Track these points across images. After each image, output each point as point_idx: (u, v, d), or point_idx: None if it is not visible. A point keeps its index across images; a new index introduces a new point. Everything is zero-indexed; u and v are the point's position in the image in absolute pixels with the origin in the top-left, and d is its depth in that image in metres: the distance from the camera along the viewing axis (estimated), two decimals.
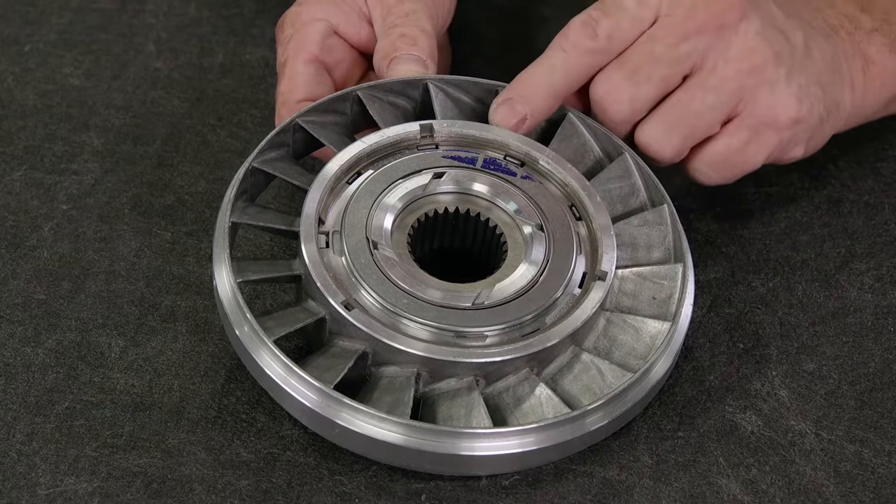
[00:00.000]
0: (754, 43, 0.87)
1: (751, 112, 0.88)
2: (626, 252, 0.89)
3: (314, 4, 0.97)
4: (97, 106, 1.07)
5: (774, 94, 0.88)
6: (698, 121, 0.88)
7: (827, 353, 0.92)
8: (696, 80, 0.87)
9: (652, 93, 0.88)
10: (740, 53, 0.87)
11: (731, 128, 0.89)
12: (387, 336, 0.81)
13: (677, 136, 0.88)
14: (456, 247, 0.92)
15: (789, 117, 0.89)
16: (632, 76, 0.87)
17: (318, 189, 0.87)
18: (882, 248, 0.98)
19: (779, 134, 0.89)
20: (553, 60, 0.88)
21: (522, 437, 0.80)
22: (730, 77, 0.87)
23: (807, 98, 0.89)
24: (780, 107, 0.88)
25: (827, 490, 0.85)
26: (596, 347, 0.86)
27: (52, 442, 0.84)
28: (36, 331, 0.90)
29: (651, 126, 0.89)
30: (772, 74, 0.88)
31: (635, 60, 0.87)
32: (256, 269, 0.85)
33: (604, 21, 0.87)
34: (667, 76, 0.87)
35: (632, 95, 0.88)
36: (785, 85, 0.88)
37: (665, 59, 0.87)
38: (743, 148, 0.90)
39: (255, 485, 0.83)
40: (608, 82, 0.88)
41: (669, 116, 0.88)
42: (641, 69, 0.87)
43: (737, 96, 0.88)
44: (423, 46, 0.94)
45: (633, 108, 0.88)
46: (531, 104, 0.89)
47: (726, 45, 0.87)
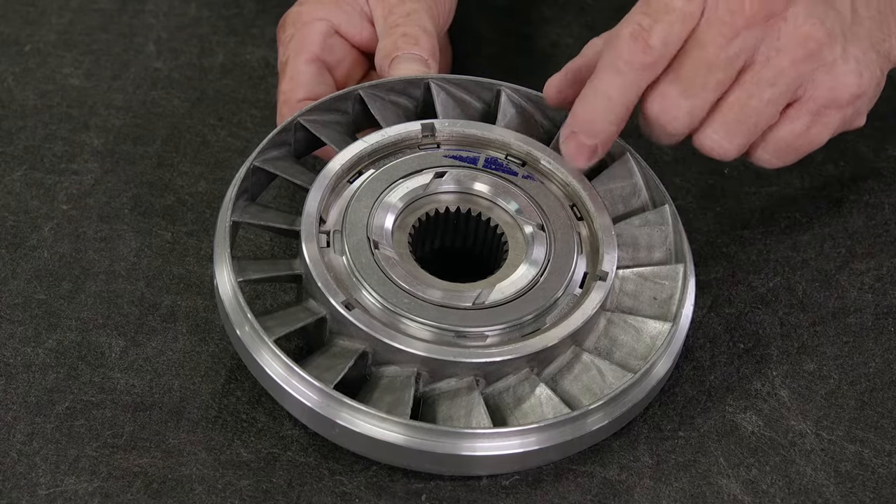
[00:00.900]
0: (805, 27, 0.83)
1: (811, 96, 0.85)
2: (628, 252, 0.89)
3: (315, 4, 0.97)
4: (97, 106, 1.07)
5: (834, 75, 0.85)
6: (759, 117, 0.85)
7: (827, 353, 0.92)
8: (750, 75, 0.84)
9: (709, 101, 0.84)
10: (793, 41, 0.83)
11: (793, 113, 0.86)
12: (387, 336, 0.81)
13: (740, 135, 0.85)
14: (457, 246, 0.92)
15: (851, 94, 0.86)
16: (687, 90, 0.83)
17: (319, 188, 0.87)
18: (882, 248, 0.98)
19: (842, 111, 0.86)
20: (611, 83, 0.83)
21: (522, 438, 0.80)
22: (785, 67, 0.84)
23: (866, 69, 0.86)
24: (840, 86, 0.85)
25: (827, 490, 0.85)
26: (596, 348, 0.86)
27: (52, 442, 0.84)
28: (36, 331, 0.90)
29: (711, 130, 0.85)
30: (828, 55, 0.84)
31: (688, 72, 0.83)
32: (257, 269, 0.85)
33: (656, 28, 0.82)
34: (722, 80, 0.84)
35: (689, 109, 0.84)
36: (843, 62, 0.85)
37: (718, 63, 0.83)
38: (806, 132, 0.87)
39: (255, 485, 0.83)
40: (663, 100, 0.84)
41: (729, 118, 0.85)
42: (695, 80, 0.83)
43: (795, 84, 0.84)
44: (424, 46, 0.94)
45: (692, 121, 0.85)
46: (599, 135, 0.85)
47: (777, 35, 0.83)
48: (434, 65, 0.94)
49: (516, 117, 0.94)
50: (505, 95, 0.93)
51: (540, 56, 1.15)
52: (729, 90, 0.84)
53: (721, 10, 0.82)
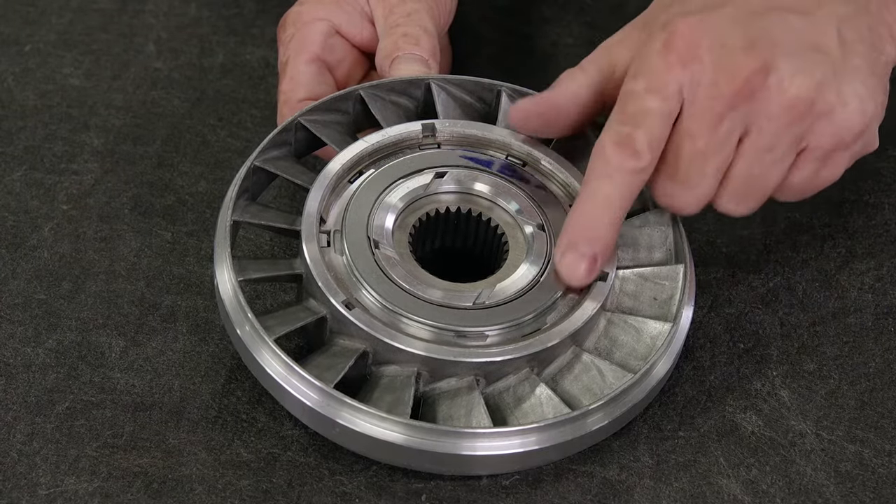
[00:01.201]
0: (792, 90, 0.80)
1: (816, 145, 0.82)
2: (628, 252, 0.89)
3: (316, 4, 0.97)
4: (97, 106, 1.07)
5: (834, 121, 0.81)
6: (766, 180, 0.83)
7: (827, 353, 0.92)
8: (748, 145, 0.81)
9: (713, 183, 0.83)
10: (781, 108, 0.80)
11: (801, 162, 0.83)
12: (387, 335, 0.81)
13: (751, 200, 0.84)
14: (457, 246, 0.92)
15: (856, 133, 0.82)
16: (687, 182, 0.82)
17: (319, 188, 0.87)
18: (882, 248, 0.99)
19: (849, 150, 0.84)
20: (605, 191, 0.81)
21: (523, 437, 0.80)
22: (780, 132, 0.81)
23: (868, 101, 0.82)
24: (844, 129, 0.82)
25: (827, 490, 0.85)
26: (597, 348, 0.86)
27: (52, 442, 0.84)
28: (36, 331, 0.90)
29: (724, 201, 0.84)
30: (822, 106, 0.81)
31: (684, 165, 0.81)
32: (257, 268, 0.85)
33: (638, 133, 0.80)
34: (719, 163, 0.82)
35: (695, 197, 0.83)
36: (841, 107, 0.81)
37: (710, 150, 0.81)
38: (816, 176, 0.84)
39: (255, 485, 0.83)
40: (667, 195, 0.83)
41: (737, 189, 0.83)
42: (692, 171, 0.81)
43: (795, 142, 0.82)
44: (425, 46, 0.94)
45: (701, 202, 0.84)
46: (598, 241, 0.82)
47: (764, 104, 0.80)
48: (434, 65, 0.94)
49: None
50: (505, 96, 0.93)
51: (540, 56, 1.15)
52: (731, 164, 0.82)
53: (701, 99, 0.80)
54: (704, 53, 0.80)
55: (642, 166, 0.80)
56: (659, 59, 0.80)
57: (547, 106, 0.87)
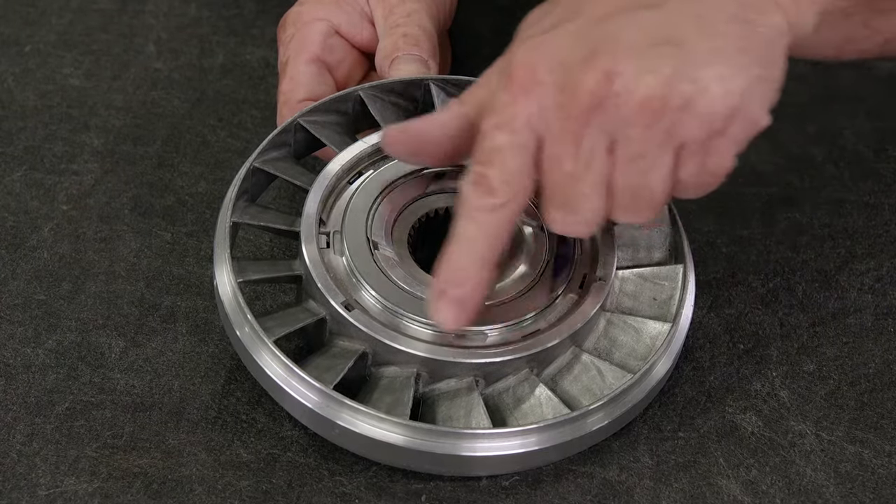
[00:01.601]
0: (639, 91, 0.75)
1: (688, 139, 0.77)
2: (627, 253, 0.89)
3: (315, 4, 0.97)
4: (97, 106, 1.07)
5: (696, 111, 0.76)
6: (650, 185, 0.79)
7: (827, 353, 0.92)
8: (618, 157, 0.78)
9: (597, 200, 0.79)
10: (634, 112, 0.75)
11: (682, 159, 0.79)
12: (387, 336, 0.81)
13: (643, 208, 0.80)
14: None
15: (723, 118, 0.77)
16: (569, 207, 0.79)
17: (319, 189, 0.87)
18: (882, 248, 0.98)
19: (727, 135, 0.78)
20: (468, 233, 0.79)
21: (522, 438, 0.80)
22: (642, 136, 0.76)
23: (735, 81, 0.76)
24: (709, 116, 0.76)
25: (827, 491, 0.85)
26: (596, 348, 0.86)
27: (52, 442, 0.84)
28: (36, 331, 0.90)
29: (618, 215, 0.80)
30: (679, 100, 0.75)
31: (559, 192, 0.78)
32: (257, 270, 0.85)
33: (492, 172, 0.77)
34: (594, 180, 0.78)
35: (581, 219, 0.79)
36: (699, 96, 0.76)
37: (579, 171, 0.77)
38: (703, 168, 0.79)
39: (255, 485, 0.83)
40: (556, 223, 0.80)
41: (623, 201, 0.80)
42: (570, 196, 0.78)
43: (664, 142, 0.77)
44: (424, 46, 0.94)
45: (595, 222, 0.80)
46: (467, 283, 0.79)
47: (617, 112, 0.76)
48: (434, 65, 0.94)
49: None
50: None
51: None
52: (611, 178, 0.79)
53: (553, 123, 0.76)
54: (545, 76, 0.76)
55: (499, 203, 0.78)
56: (503, 93, 0.77)
57: (411, 136, 0.83)
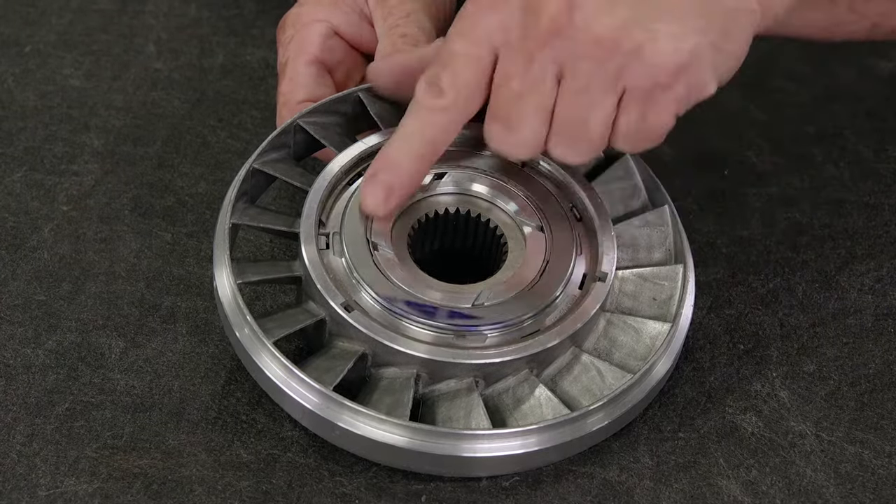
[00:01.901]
0: (596, 27, 0.79)
1: (632, 85, 0.81)
2: (627, 253, 0.89)
3: (315, 5, 0.97)
4: (97, 107, 1.07)
5: (643, 60, 0.80)
6: (589, 122, 0.82)
7: (827, 354, 0.92)
8: (564, 87, 0.81)
9: (536, 125, 0.82)
10: (587, 46, 0.79)
11: (623, 105, 0.82)
12: (386, 337, 0.81)
13: (581, 144, 0.83)
14: (456, 247, 0.92)
15: (670, 72, 0.80)
16: (508, 124, 0.82)
17: (318, 190, 0.87)
18: (882, 249, 0.98)
19: (671, 91, 0.81)
20: (410, 127, 0.84)
21: (522, 439, 0.80)
22: (591, 71, 0.80)
23: (686, 40, 0.80)
24: (655, 69, 0.80)
25: (827, 491, 0.85)
26: (596, 348, 0.86)
27: (52, 443, 0.84)
28: (36, 332, 0.90)
29: (553, 146, 0.83)
30: (628, 44, 0.79)
31: (502, 106, 0.82)
32: (256, 271, 0.85)
33: (443, 74, 0.82)
34: (537, 104, 0.81)
35: (519, 140, 0.83)
36: (649, 44, 0.79)
37: (525, 91, 0.81)
38: (643, 119, 0.82)
39: (255, 486, 0.83)
40: (493, 139, 0.84)
41: (562, 132, 0.83)
42: (512, 112, 0.82)
43: (610, 82, 0.81)
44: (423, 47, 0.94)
45: (531, 146, 0.83)
46: (396, 173, 0.84)
47: (572, 44, 0.80)
48: None
49: None
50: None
51: None
52: (553, 107, 0.82)
53: (512, 39, 0.81)
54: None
55: (444, 105, 0.82)
56: (471, 5, 0.83)
57: (394, 67, 0.90)
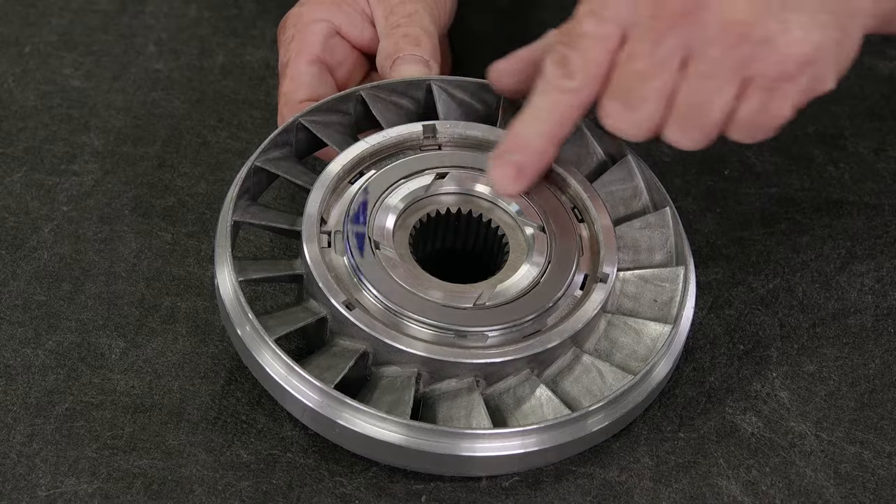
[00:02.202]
0: (730, 12, 0.80)
1: (759, 73, 0.82)
2: (628, 254, 0.89)
3: (316, 5, 0.97)
4: (97, 107, 1.07)
5: (774, 49, 0.81)
6: (709, 108, 0.83)
7: (827, 354, 0.92)
8: (690, 70, 0.82)
9: (655, 108, 0.83)
10: (719, 31, 0.80)
11: (747, 93, 0.83)
12: (388, 336, 0.81)
13: (696, 130, 0.84)
14: (458, 247, 0.92)
15: (799, 63, 0.81)
16: (628, 103, 0.83)
17: (320, 189, 0.87)
18: (882, 249, 0.99)
19: (795, 82, 0.82)
20: (539, 107, 0.84)
21: (522, 438, 0.80)
22: (719, 57, 0.81)
23: (815, 32, 0.81)
24: (786, 58, 0.81)
25: (827, 491, 0.85)
26: (597, 349, 0.86)
27: (52, 443, 0.84)
28: (36, 332, 0.90)
29: (669, 131, 0.84)
30: (761, 32, 0.80)
31: (624, 85, 0.82)
32: (258, 269, 0.85)
33: (573, 55, 0.82)
34: (660, 86, 0.82)
35: (636, 120, 0.83)
36: (783, 34, 0.80)
37: (650, 72, 0.82)
38: (764, 109, 0.83)
39: (255, 486, 0.83)
40: (610, 116, 0.84)
41: (680, 116, 0.83)
42: (633, 92, 0.82)
43: (737, 69, 0.82)
44: (426, 47, 0.94)
45: (646, 128, 0.84)
46: (526, 152, 0.85)
47: (703, 27, 0.80)
48: (435, 66, 0.94)
49: None
50: (506, 97, 0.93)
51: None
52: (675, 90, 0.83)
53: (642, 19, 0.81)
54: None
55: (573, 86, 0.83)
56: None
57: (520, 61, 0.89)
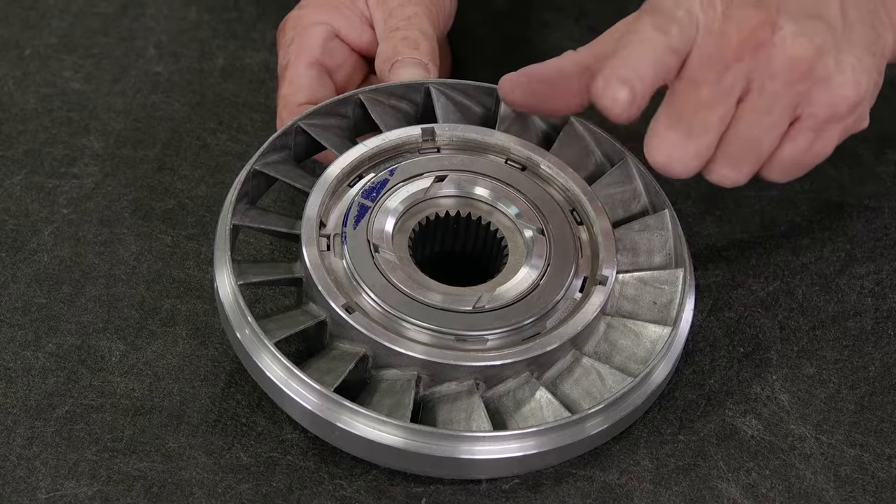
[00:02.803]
0: (794, 49, 0.81)
1: (811, 113, 0.84)
2: (627, 257, 0.89)
3: (315, 8, 0.97)
4: (97, 110, 1.07)
5: (830, 89, 0.83)
6: (761, 144, 0.84)
7: (827, 357, 0.92)
8: (748, 105, 0.82)
9: (714, 138, 0.83)
10: (784, 65, 0.82)
11: (794, 132, 0.84)
12: (387, 339, 0.81)
13: (746, 165, 0.85)
14: (457, 250, 0.92)
15: (850, 104, 0.84)
16: (690, 132, 0.82)
17: (319, 192, 0.87)
18: (882, 251, 0.99)
19: (842, 122, 0.85)
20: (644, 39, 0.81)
21: (522, 441, 0.80)
22: (780, 92, 0.82)
23: (862, 75, 0.84)
24: (838, 99, 0.83)
25: (827, 494, 0.85)
26: (596, 352, 0.86)
27: (52, 446, 0.84)
28: (36, 335, 0.90)
29: (719, 165, 0.84)
30: (821, 71, 0.82)
31: (687, 114, 0.82)
32: (257, 272, 0.85)
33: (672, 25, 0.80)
34: (722, 115, 0.82)
35: (697, 151, 0.83)
36: (838, 75, 0.83)
37: (714, 101, 0.81)
38: (810, 148, 0.85)
39: (255, 489, 0.83)
40: (668, 145, 0.83)
41: (733, 150, 0.84)
42: (696, 121, 0.82)
43: (793, 106, 0.83)
44: (424, 50, 0.94)
45: (701, 161, 0.84)
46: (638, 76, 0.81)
47: (767, 61, 0.81)
48: (434, 69, 0.94)
49: (516, 122, 0.94)
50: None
51: (540, 60, 1.14)
52: (730, 123, 0.83)
53: (709, 47, 0.81)
54: (718, 3, 0.81)
55: (674, 45, 0.80)
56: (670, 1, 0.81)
57: (530, 77, 0.89)
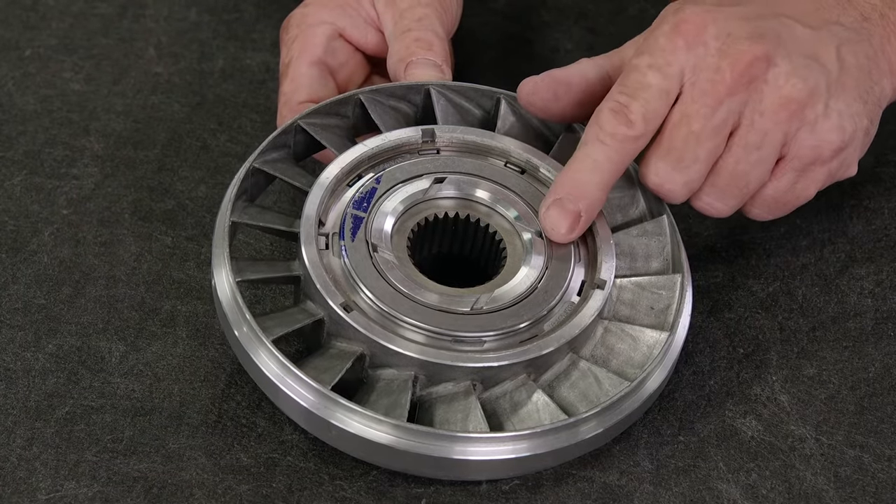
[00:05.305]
0: (787, 88, 0.83)
1: (795, 154, 0.86)
2: (625, 261, 0.89)
3: (320, 7, 0.97)
4: (97, 111, 1.07)
5: (816, 133, 0.85)
6: (748, 178, 0.86)
7: (827, 357, 0.92)
8: (737, 139, 0.84)
9: (703, 170, 0.85)
10: (775, 103, 0.83)
11: (778, 171, 0.87)
12: (385, 338, 0.81)
13: (732, 197, 0.87)
14: (455, 252, 0.92)
15: (834, 150, 0.86)
16: (679, 163, 0.84)
17: (318, 191, 0.87)
18: (882, 252, 0.98)
19: (826, 166, 0.87)
20: (595, 155, 0.84)
21: (518, 443, 0.80)
22: (769, 130, 0.84)
23: (849, 121, 0.86)
24: (823, 143, 0.85)
25: (827, 495, 0.85)
26: (593, 355, 0.86)
27: (52, 447, 0.84)
28: (36, 335, 0.90)
29: (706, 194, 0.86)
30: (810, 114, 0.84)
31: (678, 146, 0.84)
32: (255, 270, 0.85)
33: (634, 105, 0.83)
34: (711, 148, 0.84)
35: (685, 180, 0.85)
36: (824, 119, 0.85)
37: (705, 134, 0.83)
38: (792, 188, 0.87)
39: (255, 490, 0.83)
40: (658, 175, 0.85)
41: (721, 182, 0.86)
42: (686, 153, 0.84)
43: (780, 144, 0.85)
44: (438, 51, 0.94)
45: (690, 189, 0.86)
46: (584, 199, 0.85)
47: (759, 98, 0.83)
48: (447, 70, 0.94)
49: (516, 125, 0.94)
50: (505, 103, 0.94)
51: (540, 61, 1.15)
52: (720, 157, 0.85)
53: (702, 82, 0.83)
54: (710, 39, 0.83)
55: (634, 135, 0.83)
56: (665, 40, 0.84)
57: (554, 80, 0.90)
